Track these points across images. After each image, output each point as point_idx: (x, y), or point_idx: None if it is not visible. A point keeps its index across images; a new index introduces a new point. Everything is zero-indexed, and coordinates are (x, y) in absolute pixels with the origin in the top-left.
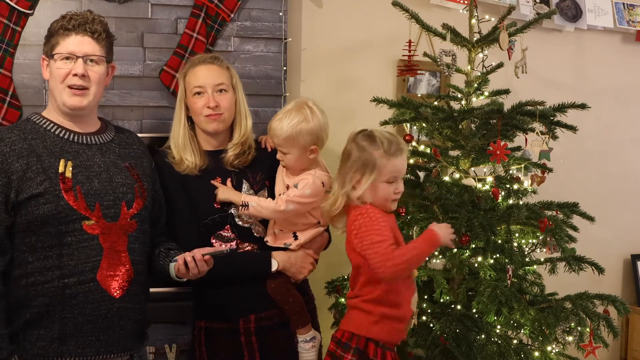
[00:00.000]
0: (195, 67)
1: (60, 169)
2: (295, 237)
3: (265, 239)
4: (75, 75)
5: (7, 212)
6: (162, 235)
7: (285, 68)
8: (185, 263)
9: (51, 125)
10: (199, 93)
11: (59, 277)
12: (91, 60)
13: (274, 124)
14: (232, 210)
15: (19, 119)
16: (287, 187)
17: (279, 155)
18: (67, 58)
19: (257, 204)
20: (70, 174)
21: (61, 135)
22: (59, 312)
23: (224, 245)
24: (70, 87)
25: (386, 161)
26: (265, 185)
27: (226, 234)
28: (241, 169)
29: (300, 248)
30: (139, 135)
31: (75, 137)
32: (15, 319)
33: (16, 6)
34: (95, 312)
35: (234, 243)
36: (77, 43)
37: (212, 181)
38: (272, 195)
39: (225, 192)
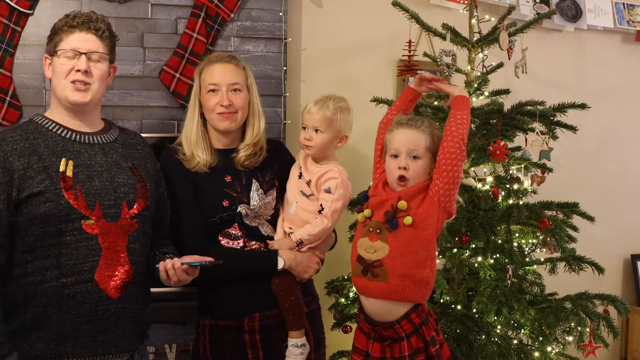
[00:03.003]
0: (211, 64)
1: (61, 168)
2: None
3: (275, 238)
4: (78, 71)
5: (9, 211)
6: (167, 237)
7: (285, 68)
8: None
9: (53, 125)
10: (213, 90)
11: (57, 277)
12: (94, 58)
13: (315, 105)
14: (240, 209)
15: (19, 119)
16: (309, 183)
17: (307, 136)
18: (71, 55)
19: (308, 235)
20: (71, 173)
21: (63, 134)
22: (57, 312)
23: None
24: (73, 82)
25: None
26: (274, 185)
27: (234, 232)
28: (251, 169)
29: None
30: None
31: (78, 137)
32: (14, 320)
33: (16, 6)
34: (93, 313)
35: (241, 241)
36: (81, 40)
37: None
38: (281, 194)
39: (278, 243)
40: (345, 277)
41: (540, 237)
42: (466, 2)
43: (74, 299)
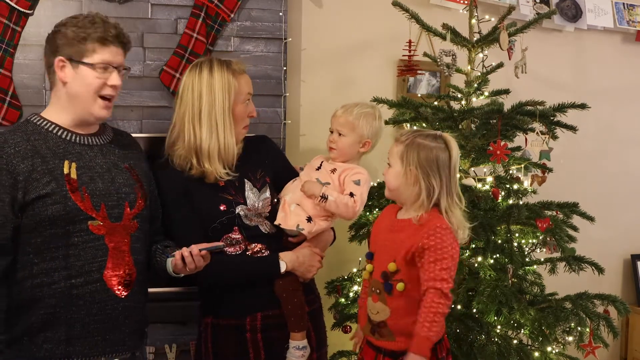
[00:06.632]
0: (242, 74)
1: (65, 170)
2: (309, 220)
3: (276, 222)
4: (112, 86)
5: (14, 213)
6: (160, 234)
7: (285, 68)
8: (183, 258)
9: (52, 126)
10: (248, 100)
11: (65, 278)
12: (121, 72)
13: (341, 109)
14: (239, 211)
15: (19, 119)
16: (333, 171)
17: (332, 137)
18: (104, 68)
19: (336, 199)
20: (76, 175)
21: (63, 136)
22: (66, 313)
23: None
24: (102, 97)
25: None
26: (266, 181)
27: (235, 236)
28: (241, 170)
29: (309, 242)
30: (139, 135)
31: (77, 138)
32: (21, 322)
33: (16, 6)
34: (102, 312)
35: (242, 245)
36: (114, 54)
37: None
38: (278, 191)
39: (308, 185)
40: (345, 277)
41: (540, 237)
42: (466, 2)
43: (83, 299)
